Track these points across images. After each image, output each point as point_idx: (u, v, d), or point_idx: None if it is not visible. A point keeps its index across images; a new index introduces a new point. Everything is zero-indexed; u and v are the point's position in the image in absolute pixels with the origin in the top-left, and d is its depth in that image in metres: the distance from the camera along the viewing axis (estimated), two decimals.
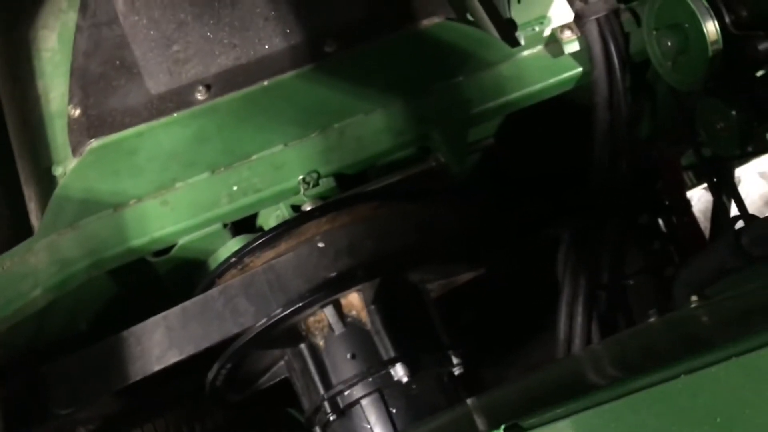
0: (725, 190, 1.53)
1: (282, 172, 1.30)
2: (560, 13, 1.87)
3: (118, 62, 1.22)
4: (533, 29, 1.48)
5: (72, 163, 1.21)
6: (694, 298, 0.77)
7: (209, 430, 1.51)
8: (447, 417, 0.91)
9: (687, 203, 1.81)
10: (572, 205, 1.52)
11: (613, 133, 1.39)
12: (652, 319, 0.82)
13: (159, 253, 1.32)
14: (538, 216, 1.56)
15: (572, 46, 1.38)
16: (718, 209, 1.55)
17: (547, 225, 1.56)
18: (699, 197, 2.29)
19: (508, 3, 1.89)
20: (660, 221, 1.81)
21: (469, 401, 0.83)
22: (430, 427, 0.82)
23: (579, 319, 1.46)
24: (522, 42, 1.39)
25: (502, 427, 0.52)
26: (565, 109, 1.47)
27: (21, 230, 1.39)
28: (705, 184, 1.76)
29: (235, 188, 1.30)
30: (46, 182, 1.29)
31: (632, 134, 1.44)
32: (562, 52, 1.39)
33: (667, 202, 1.80)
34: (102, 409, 1.46)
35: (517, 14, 1.54)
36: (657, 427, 0.57)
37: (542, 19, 2.19)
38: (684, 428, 0.57)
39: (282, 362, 1.32)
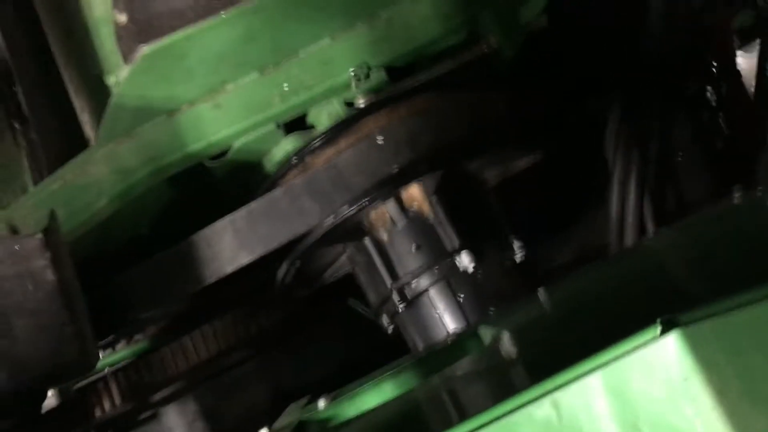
0: None
1: (331, 67, 1.28)
2: None
3: None
4: None
5: (124, 71, 1.20)
6: None
7: (275, 323, 1.57)
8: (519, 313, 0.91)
9: (737, 71, 1.76)
10: (624, 75, 1.49)
11: None
12: (736, 199, 0.81)
13: (215, 157, 1.32)
14: (586, 85, 1.53)
15: None
16: (763, 74, 1.51)
17: (598, 95, 1.53)
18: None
19: None
20: (708, 91, 1.76)
21: (540, 293, 0.83)
22: (506, 323, 0.83)
23: (631, 197, 1.46)
24: None
25: (658, 320, 0.53)
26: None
27: (74, 142, 1.40)
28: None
29: (285, 87, 1.28)
30: (99, 92, 1.28)
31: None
32: None
33: (715, 71, 1.74)
34: (170, 309, 1.52)
35: None
36: None
37: None
38: None
39: (344, 257, 1.34)
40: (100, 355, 1.61)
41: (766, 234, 0.76)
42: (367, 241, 1.25)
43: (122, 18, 1.18)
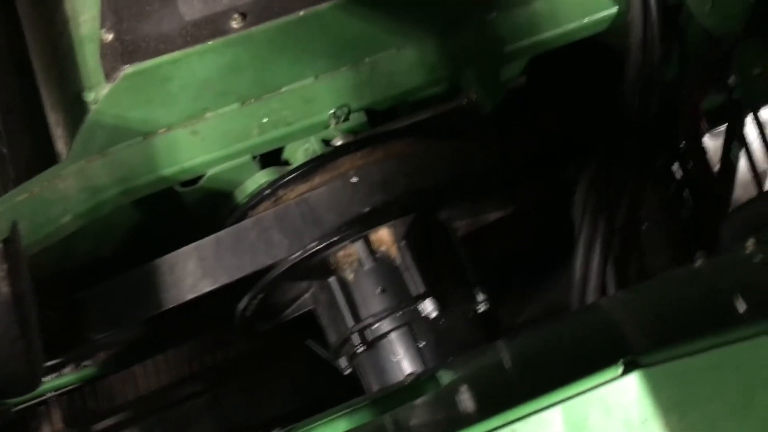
0: (739, 136, 1.54)
1: (313, 105, 1.29)
2: None
3: None
4: None
5: (105, 89, 1.20)
6: (750, 242, 0.78)
7: (231, 358, 1.54)
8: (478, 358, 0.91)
9: (703, 148, 1.82)
10: (595, 145, 1.52)
11: (644, 75, 1.39)
12: (698, 263, 0.83)
13: (187, 183, 1.32)
14: (561, 151, 1.56)
15: None
16: (728, 154, 1.56)
17: (569, 162, 1.57)
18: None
19: None
20: (675, 165, 1.82)
21: (498, 343, 0.84)
22: (465, 368, 0.83)
23: (595, 261, 1.48)
24: None
25: (621, 361, 0.53)
26: (595, 50, 1.46)
27: (44, 158, 1.39)
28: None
29: (265, 120, 1.29)
30: (77, 108, 1.27)
31: (662, 77, 1.44)
32: None
33: (681, 146, 1.80)
34: (125, 335, 1.48)
35: None
36: None
37: None
38: None
39: (308, 295, 1.33)
40: (46, 378, 1.57)
41: (721, 297, 0.77)
42: (332, 279, 1.25)
43: (108, 36, 1.18)
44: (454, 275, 1.28)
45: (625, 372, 0.55)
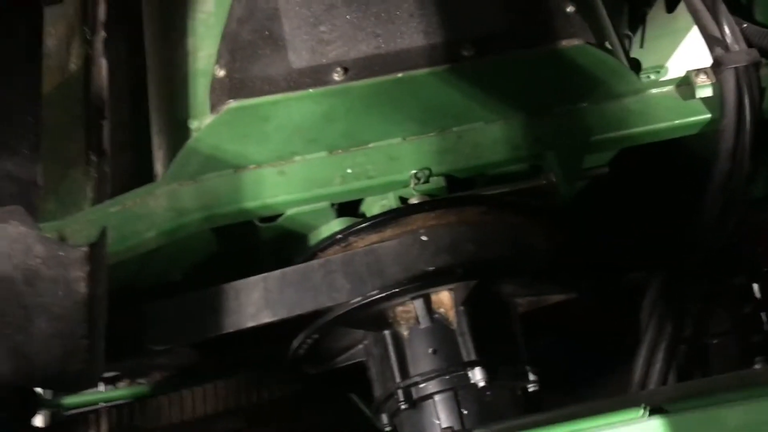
0: None
1: (396, 164, 1.35)
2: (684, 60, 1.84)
3: (267, 33, 1.29)
4: (648, 77, 1.48)
5: (208, 119, 1.28)
6: None
7: (276, 398, 1.56)
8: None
9: None
10: (669, 253, 1.51)
11: (729, 187, 1.37)
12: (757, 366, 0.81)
13: (266, 219, 1.38)
14: (631, 255, 1.55)
15: (705, 92, 1.38)
16: None
17: (640, 266, 1.55)
18: None
19: (629, 46, 1.90)
20: (755, 286, 1.76)
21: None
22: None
23: (657, 366, 1.44)
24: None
25: (645, 407, 0.53)
26: (683, 154, 1.46)
27: (143, 177, 1.48)
28: None
29: (349, 171, 1.34)
30: (180, 134, 1.37)
31: (747, 192, 1.42)
32: (693, 96, 1.39)
33: (766, 268, 1.75)
34: (180, 359, 1.53)
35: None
36: None
37: (659, 68, 2.18)
38: None
39: (361, 346, 1.35)
40: (101, 388, 1.63)
41: None
42: (387, 333, 1.27)
43: (221, 73, 1.28)
44: (508, 349, 1.28)
45: (650, 414, 0.54)
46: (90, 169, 1.77)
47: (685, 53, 2.17)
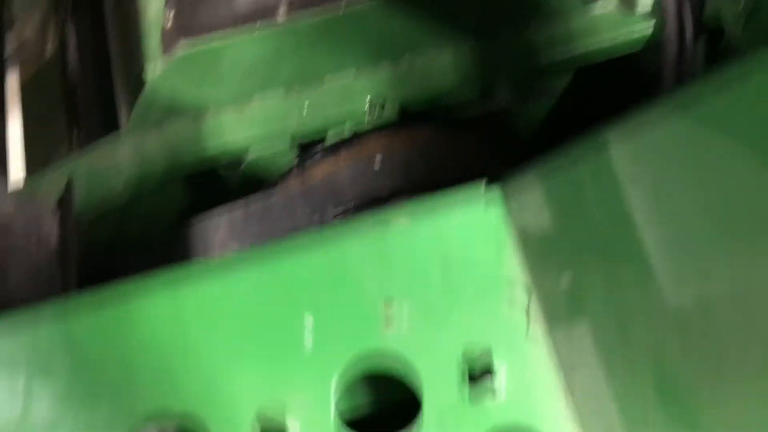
0: None
1: (351, 94, 1.39)
2: None
3: None
4: None
5: (161, 65, 1.32)
6: None
7: None
8: None
9: None
10: None
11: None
12: None
13: (229, 168, 1.42)
14: None
15: (644, 5, 1.40)
16: None
17: None
18: None
19: None
20: None
21: None
22: None
23: None
24: None
25: None
26: (627, 71, 1.49)
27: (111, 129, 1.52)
28: None
29: (306, 105, 1.38)
30: (138, 85, 1.40)
31: None
32: (633, 12, 1.41)
33: None
34: None
35: None
36: None
37: None
38: None
39: None
40: None
41: None
42: None
43: (170, 17, 1.31)
44: None
45: None
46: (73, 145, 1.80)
47: None
